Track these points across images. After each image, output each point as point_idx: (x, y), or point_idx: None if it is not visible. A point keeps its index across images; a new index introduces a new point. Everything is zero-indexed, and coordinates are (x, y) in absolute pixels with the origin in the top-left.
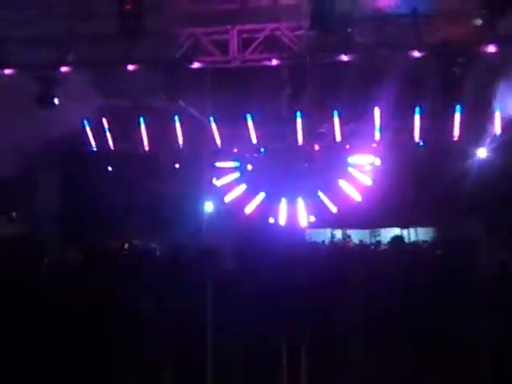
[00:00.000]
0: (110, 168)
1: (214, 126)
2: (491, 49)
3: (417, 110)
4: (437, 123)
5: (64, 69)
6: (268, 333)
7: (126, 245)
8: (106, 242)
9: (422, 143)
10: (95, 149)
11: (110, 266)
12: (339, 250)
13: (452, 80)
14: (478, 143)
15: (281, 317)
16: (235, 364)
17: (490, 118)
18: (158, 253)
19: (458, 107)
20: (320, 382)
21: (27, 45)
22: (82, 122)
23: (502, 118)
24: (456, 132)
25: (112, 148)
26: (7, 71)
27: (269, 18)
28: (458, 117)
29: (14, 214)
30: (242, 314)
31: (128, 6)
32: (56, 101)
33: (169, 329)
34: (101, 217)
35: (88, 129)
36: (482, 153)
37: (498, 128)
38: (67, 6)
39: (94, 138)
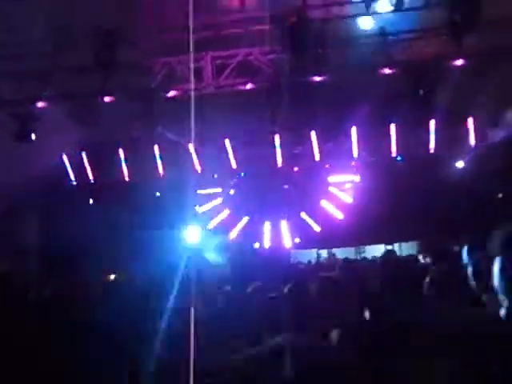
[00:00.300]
0: (90, 201)
1: (193, 152)
2: (459, 62)
3: (392, 126)
4: (413, 138)
5: (41, 104)
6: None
7: (111, 276)
8: (86, 276)
9: (399, 158)
10: (75, 182)
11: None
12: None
13: (424, 95)
14: (454, 155)
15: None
16: None
17: (464, 129)
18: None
19: (432, 121)
20: None
21: (3, 80)
22: (61, 156)
23: (476, 130)
24: (432, 145)
25: (92, 181)
26: None
27: (241, 43)
28: (432, 131)
29: None
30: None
31: (103, 38)
32: (33, 136)
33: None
34: (81, 250)
35: (67, 162)
36: (459, 164)
37: (472, 139)
38: (43, 40)
39: (73, 171)
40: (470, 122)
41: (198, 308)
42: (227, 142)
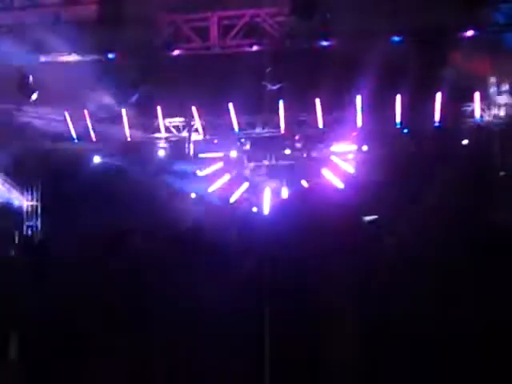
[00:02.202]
0: (97, 158)
1: (196, 115)
2: (469, 33)
3: (398, 96)
4: (418, 109)
5: (43, 58)
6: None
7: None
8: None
9: (405, 130)
10: (76, 140)
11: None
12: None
13: (431, 65)
14: (458, 130)
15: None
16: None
17: (469, 102)
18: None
19: (438, 93)
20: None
21: (6, 33)
22: (63, 113)
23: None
24: (437, 118)
25: (94, 139)
26: None
27: (249, 4)
28: (438, 103)
29: None
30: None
31: None
32: (34, 96)
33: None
34: (85, 207)
35: (69, 120)
36: (464, 139)
37: (477, 112)
38: None
39: (75, 129)
40: (477, 96)
41: None
42: (231, 105)
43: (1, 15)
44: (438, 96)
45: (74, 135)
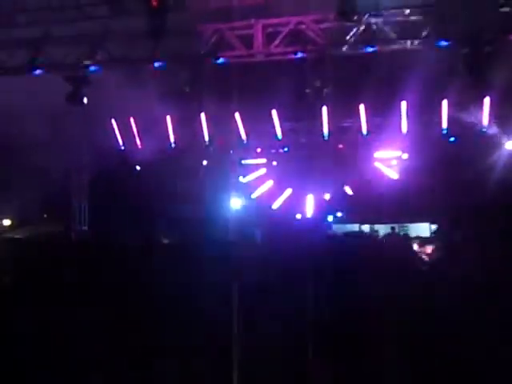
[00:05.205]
0: (138, 167)
1: (239, 121)
2: None
3: (444, 102)
4: (465, 115)
5: (93, 67)
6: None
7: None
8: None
9: (452, 139)
10: (123, 148)
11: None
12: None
13: (480, 70)
14: (507, 135)
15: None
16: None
17: None
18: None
19: (486, 98)
20: None
21: (57, 44)
22: (110, 122)
23: None
24: (485, 123)
25: (139, 147)
26: (38, 71)
27: (293, 11)
28: (486, 108)
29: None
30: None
31: (154, 3)
32: (85, 100)
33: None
34: (129, 215)
35: (116, 128)
36: (509, 145)
37: None
38: (97, 4)
39: (122, 137)
40: None
41: None
42: (274, 112)
43: (53, 27)
44: (487, 101)
45: (121, 142)
